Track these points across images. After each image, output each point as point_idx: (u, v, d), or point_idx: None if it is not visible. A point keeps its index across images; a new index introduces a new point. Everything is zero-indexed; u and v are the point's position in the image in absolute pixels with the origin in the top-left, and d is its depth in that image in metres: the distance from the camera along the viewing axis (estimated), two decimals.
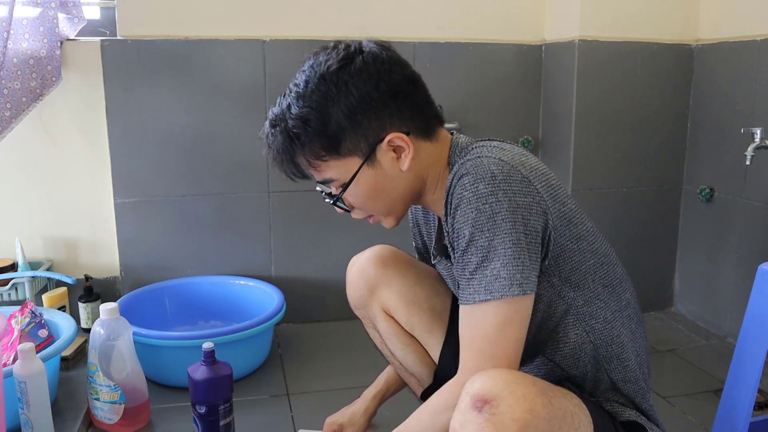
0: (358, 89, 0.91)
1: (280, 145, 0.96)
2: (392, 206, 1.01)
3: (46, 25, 1.79)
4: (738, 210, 1.96)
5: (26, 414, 1.30)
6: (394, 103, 0.93)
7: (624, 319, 1.01)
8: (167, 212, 2.00)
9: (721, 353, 1.93)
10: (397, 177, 0.97)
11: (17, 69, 1.77)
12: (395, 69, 0.94)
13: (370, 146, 0.94)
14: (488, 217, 0.86)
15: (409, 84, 0.96)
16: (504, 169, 0.88)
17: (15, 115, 1.78)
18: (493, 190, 0.86)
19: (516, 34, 2.14)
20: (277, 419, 1.55)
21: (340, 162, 0.95)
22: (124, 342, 1.44)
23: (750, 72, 1.88)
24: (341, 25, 2.00)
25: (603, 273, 0.98)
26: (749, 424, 1.14)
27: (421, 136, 0.97)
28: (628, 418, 0.99)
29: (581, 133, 2.05)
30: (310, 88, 0.92)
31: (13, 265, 1.88)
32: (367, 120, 0.92)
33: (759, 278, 1.13)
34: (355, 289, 1.27)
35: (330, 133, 0.92)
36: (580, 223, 0.96)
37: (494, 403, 0.78)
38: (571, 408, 0.86)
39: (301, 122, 0.93)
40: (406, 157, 0.95)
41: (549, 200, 0.91)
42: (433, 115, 1.00)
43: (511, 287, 0.86)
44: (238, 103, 1.98)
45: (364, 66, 0.92)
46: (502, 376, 0.81)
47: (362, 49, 0.94)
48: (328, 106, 0.91)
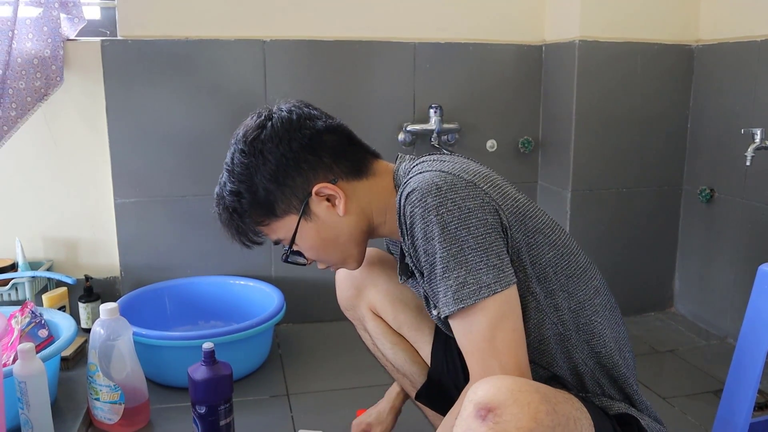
0: (273, 154, 0.97)
1: (226, 220, 1.03)
2: (345, 251, 1.05)
3: (50, 25, 1.79)
4: (738, 210, 1.96)
5: (26, 414, 1.30)
6: (312, 156, 0.98)
7: (595, 307, 1.00)
8: (167, 212, 2.00)
9: (721, 354, 1.93)
10: (339, 223, 1.01)
11: (22, 69, 1.77)
12: (305, 125, 0.99)
13: (302, 202, 0.99)
14: (442, 228, 0.87)
15: (323, 134, 1.00)
16: (447, 179, 0.90)
17: (21, 115, 1.79)
18: (441, 201, 0.88)
19: (516, 34, 2.14)
20: (277, 419, 1.55)
21: (281, 222, 1.01)
22: (124, 342, 1.44)
23: (750, 72, 1.88)
24: (341, 26, 2.00)
25: (564, 264, 0.98)
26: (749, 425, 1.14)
27: (352, 177, 1.01)
28: (618, 411, 0.99)
29: (581, 134, 2.05)
30: (235, 163, 0.99)
31: (13, 265, 1.88)
32: (290, 179, 0.98)
33: (759, 279, 1.13)
34: (343, 290, 1.29)
35: (261, 200, 0.99)
36: (534, 217, 0.96)
37: (498, 412, 0.78)
38: (574, 413, 0.86)
39: (235, 197, 1.00)
40: (339, 203, 0.99)
41: (498, 198, 0.92)
42: (361, 154, 1.03)
43: (481, 290, 0.87)
44: (239, 103, 1.98)
45: (274, 131, 0.98)
46: (505, 383, 0.81)
47: (272, 116, 1.00)
48: (253, 176, 0.98)
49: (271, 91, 1.99)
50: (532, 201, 0.99)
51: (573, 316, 0.98)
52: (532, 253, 0.95)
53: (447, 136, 2.12)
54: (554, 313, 0.97)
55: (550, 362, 1.00)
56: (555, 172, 2.16)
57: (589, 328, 1.00)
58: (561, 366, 1.00)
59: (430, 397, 1.23)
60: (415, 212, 0.90)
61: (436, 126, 2.04)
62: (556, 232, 0.99)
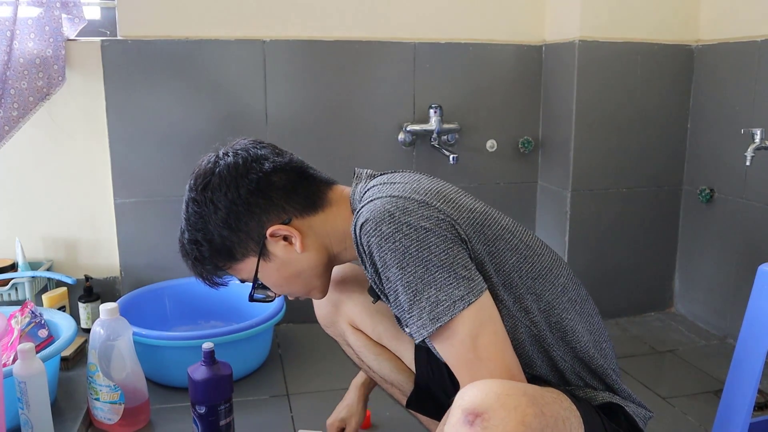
0: (222, 202, 0.97)
1: (190, 266, 1.05)
2: (309, 284, 1.06)
3: (51, 25, 1.80)
4: (738, 210, 1.96)
5: (26, 414, 1.30)
6: (262, 200, 0.98)
7: (564, 304, 1.00)
8: (167, 212, 2.00)
9: (721, 354, 1.93)
10: (299, 259, 1.01)
11: (24, 69, 1.78)
12: (252, 168, 0.98)
13: (258, 244, 0.99)
14: (402, 254, 0.87)
15: (271, 175, 0.99)
16: (398, 203, 0.89)
17: (22, 115, 1.79)
18: (396, 227, 0.87)
19: (516, 34, 2.14)
20: (277, 419, 1.55)
21: (242, 265, 1.02)
22: (124, 342, 1.44)
23: (750, 72, 1.88)
24: (341, 26, 2.00)
25: (528, 267, 0.97)
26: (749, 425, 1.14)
27: (306, 213, 1.01)
28: (603, 400, 0.99)
29: (581, 134, 2.05)
30: (190, 212, 1.00)
31: (13, 265, 1.88)
32: (243, 224, 0.98)
33: (759, 279, 1.13)
34: (320, 308, 1.31)
35: (219, 246, 0.99)
36: (493, 223, 0.95)
37: (486, 416, 0.78)
38: (562, 413, 0.86)
39: (194, 245, 1.01)
40: (296, 241, 0.99)
41: (453, 213, 0.91)
42: (314, 187, 1.03)
43: (455, 305, 0.87)
44: (238, 104, 1.98)
45: (221, 179, 0.98)
46: (492, 387, 0.81)
47: (218, 162, 0.99)
48: (207, 224, 0.98)
49: (271, 91, 2.00)
50: (489, 208, 0.99)
51: (544, 316, 0.98)
52: (494, 261, 0.94)
53: (447, 136, 2.12)
54: (525, 316, 0.97)
55: (528, 363, 1.00)
56: (555, 172, 2.16)
57: (561, 325, 0.99)
58: (540, 366, 1.00)
59: (420, 403, 1.24)
60: (371, 242, 0.89)
61: (436, 126, 2.04)
62: (517, 235, 0.98)
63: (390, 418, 1.49)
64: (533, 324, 0.97)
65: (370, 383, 1.40)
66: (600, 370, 1.02)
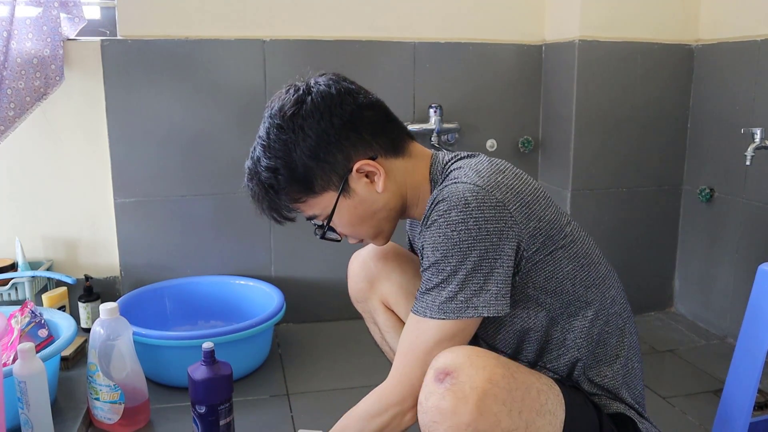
0: (313, 130, 0.95)
1: (259, 195, 1.02)
2: (379, 227, 1.05)
3: (49, 25, 1.79)
4: (738, 210, 1.96)
5: (26, 414, 1.30)
6: (353, 133, 0.97)
7: (609, 317, 1.01)
8: (167, 212, 2.00)
9: (721, 353, 1.93)
10: (376, 200, 1.01)
11: (21, 69, 1.77)
12: (346, 100, 0.97)
13: (341, 178, 0.98)
14: (454, 244, 0.88)
15: (364, 110, 0.98)
16: (478, 195, 0.90)
17: (19, 115, 1.79)
18: (464, 218, 0.88)
19: (516, 34, 2.14)
20: (277, 419, 1.55)
21: (318, 199, 1.00)
22: (124, 342, 1.44)
23: (750, 72, 1.88)
24: (341, 26, 2.00)
25: (584, 275, 0.98)
26: (749, 425, 1.14)
27: (390, 155, 1.00)
28: (616, 410, 1.00)
29: (581, 133, 2.05)
30: (272, 138, 0.97)
31: (13, 265, 1.88)
32: (330, 155, 0.96)
33: (759, 278, 1.13)
34: (356, 282, 1.28)
35: (300, 176, 0.97)
36: (557, 233, 0.96)
37: (455, 374, 0.82)
38: (538, 385, 0.88)
39: (271, 173, 0.98)
40: (379, 180, 0.99)
41: (523, 221, 0.92)
42: (399, 132, 1.03)
43: (466, 310, 0.89)
44: (238, 103, 1.98)
45: (314, 106, 0.96)
46: (464, 350, 0.86)
47: (311, 90, 0.98)
48: (291, 153, 0.96)
49: (271, 91, 1.99)
50: (558, 214, 0.98)
51: (588, 325, 0.99)
52: (548, 269, 0.95)
53: (447, 135, 2.12)
54: (567, 321, 0.98)
55: (556, 368, 1.01)
56: (555, 172, 2.16)
57: (602, 338, 1.00)
58: (562, 369, 1.01)
59: None
60: (436, 220, 0.90)
61: (436, 126, 2.04)
62: (578, 243, 0.99)
63: None
64: (572, 329, 0.99)
65: None
66: (626, 386, 1.02)
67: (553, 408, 0.88)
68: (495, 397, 0.81)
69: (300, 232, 2.10)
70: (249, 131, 1.99)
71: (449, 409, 0.81)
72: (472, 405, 0.80)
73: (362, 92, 1.01)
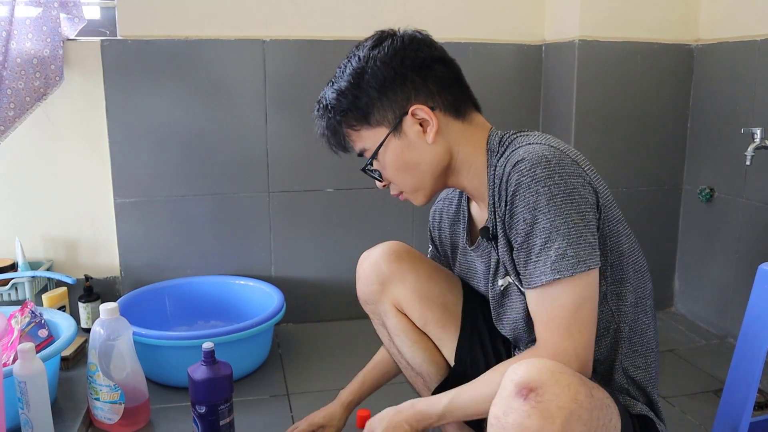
0: (385, 64, 0.99)
1: (320, 117, 1.07)
2: (421, 180, 1.05)
3: (49, 25, 1.79)
4: (738, 210, 1.96)
5: (26, 414, 1.30)
6: (419, 78, 1.00)
7: (646, 308, 1.03)
8: (167, 212, 2.00)
9: (721, 353, 1.93)
10: (424, 149, 1.02)
11: (21, 69, 1.77)
12: (422, 48, 1.02)
13: (397, 117, 1.01)
14: (548, 199, 0.90)
15: (436, 62, 1.03)
16: (555, 154, 0.92)
17: (19, 115, 1.79)
18: (549, 174, 0.90)
19: (516, 34, 2.14)
20: (277, 419, 1.55)
21: (371, 132, 1.02)
22: (124, 342, 1.44)
23: (750, 72, 1.88)
24: (341, 26, 2.00)
25: (635, 258, 1.01)
26: (749, 424, 1.14)
27: (450, 113, 1.03)
28: (640, 412, 1.00)
29: (581, 134, 2.05)
30: (349, 67, 1.02)
31: (13, 265, 1.88)
32: (393, 92, 1.00)
33: (759, 278, 1.13)
34: (367, 284, 1.25)
35: (361, 104, 1.01)
36: (615, 207, 1.00)
37: (540, 391, 0.79)
38: (606, 400, 0.88)
39: (338, 95, 1.02)
40: (431, 130, 1.00)
41: (595, 181, 0.95)
42: (465, 96, 1.06)
43: (579, 264, 0.89)
44: (238, 103, 1.98)
45: (392, 45, 1.01)
46: (545, 365, 0.83)
47: (395, 33, 1.03)
48: (360, 81, 1.00)
49: (271, 91, 2.00)
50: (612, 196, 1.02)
51: (631, 309, 1.01)
52: (612, 240, 0.98)
53: None
54: (616, 301, 1.00)
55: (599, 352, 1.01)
56: None
57: (637, 326, 1.02)
58: (602, 352, 1.01)
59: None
60: (522, 181, 0.91)
61: None
62: (627, 228, 1.03)
63: None
64: (619, 312, 1.00)
65: (355, 396, 1.39)
66: (652, 383, 1.04)
67: (616, 422, 0.88)
68: (579, 417, 0.80)
69: (300, 231, 2.10)
70: (249, 131, 2.01)
71: (534, 429, 0.78)
72: (559, 426, 0.78)
73: (441, 49, 1.05)
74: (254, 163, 2.02)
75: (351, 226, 2.11)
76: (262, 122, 2.01)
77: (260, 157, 2.02)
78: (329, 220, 2.09)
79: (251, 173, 2.03)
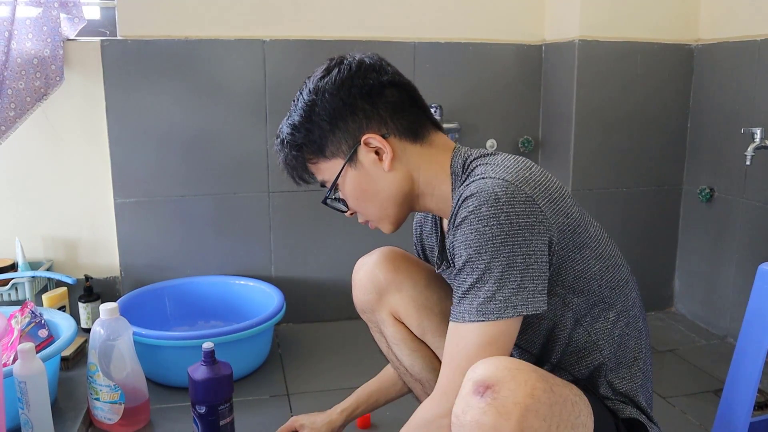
0: (333, 95, 0.98)
1: (279, 151, 1.05)
2: (383, 208, 1.04)
3: (50, 25, 1.79)
4: (738, 210, 1.96)
5: (26, 414, 1.30)
6: (369, 106, 0.99)
7: (629, 318, 1.01)
8: (167, 212, 2.00)
9: (721, 353, 1.93)
10: (382, 177, 1.01)
11: (21, 69, 1.78)
12: (370, 74, 1.00)
13: (351, 148, 0.99)
14: (487, 240, 0.87)
15: (386, 87, 1.00)
16: (508, 190, 0.88)
17: (19, 115, 1.79)
18: (495, 213, 0.87)
19: (516, 34, 2.14)
20: (277, 419, 1.55)
21: (328, 163, 1.02)
22: (124, 342, 1.44)
23: (750, 72, 1.88)
24: (341, 26, 2.00)
25: (609, 276, 0.98)
26: (749, 424, 1.14)
27: (406, 137, 1.01)
28: (629, 415, 1.00)
29: (581, 133, 2.05)
30: (300, 100, 1.01)
31: (13, 265, 1.88)
32: (344, 123, 0.99)
33: (759, 278, 1.13)
34: (364, 293, 1.24)
35: (314, 138, 1.00)
36: (584, 231, 0.96)
37: (496, 388, 0.80)
38: (572, 397, 0.87)
39: (292, 130, 1.02)
40: (386, 158, 0.99)
41: (552, 216, 0.91)
42: (422, 118, 1.03)
43: (506, 309, 0.87)
44: (238, 103, 1.98)
45: (339, 74, 0.99)
46: (503, 362, 0.83)
47: (342, 61, 1.01)
48: (311, 114, 0.99)
49: (271, 91, 2.00)
50: (582, 213, 0.98)
51: (612, 326, 0.99)
52: (577, 268, 0.95)
53: (447, 135, 2.11)
54: (592, 323, 0.98)
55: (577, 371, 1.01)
56: (555, 172, 2.16)
57: (621, 339, 1.01)
58: (582, 372, 1.01)
59: None
60: (467, 217, 0.89)
61: None
62: (602, 243, 0.99)
63: (390, 418, 1.49)
64: (599, 332, 0.99)
65: (349, 414, 1.37)
66: (641, 391, 1.03)
67: (585, 419, 0.87)
68: (536, 412, 0.80)
69: (300, 231, 2.10)
70: (249, 131, 2.01)
71: (490, 425, 0.79)
72: (515, 422, 0.78)
73: (392, 73, 1.03)
74: (254, 163, 2.02)
75: (351, 226, 2.11)
76: (262, 122, 2.01)
77: (260, 157, 2.02)
78: (329, 220, 2.09)
79: (251, 173, 2.03)
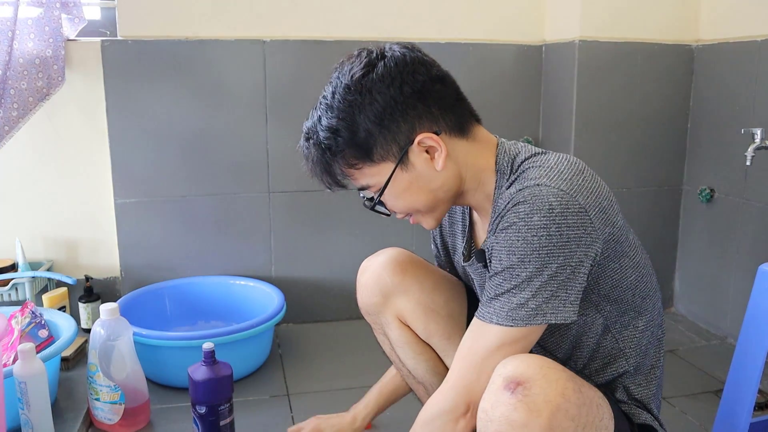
0: (382, 95, 0.91)
1: (315, 157, 0.96)
2: (433, 206, 0.99)
3: (51, 25, 1.80)
4: (738, 210, 1.96)
5: (26, 414, 1.30)
6: (421, 104, 0.93)
7: (654, 328, 1.02)
8: (167, 212, 2.00)
9: (722, 353, 1.93)
10: (434, 177, 0.96)
11: (24, 69, 1.78)
12: (419, 70, 0.93)
13: (402, 149, 0.93)
14: (534, 249, 0.85)
15: (435, 83, 0.94)
16: (563, 200, 0.86)
17: (22, 115, 1.79)
18: (546, 224, 0.85)
19: (516, 34, 2.14)
20: (277, 419, 1.55)
21: (375, 168, 0.95)
22: (124, 342, 1.44)
23: (750, 72, 1.88)
24: (341, 26, 2.00)
25: (643, 285, 0.98)
26: (749, 425, 1.14)
27: (455, 134, 0.96)
28: (644, 421, 1.00)
29: (581, 134, 2.05)
30: (337, 98, 0.92)
31: (14, 266, 1.88)
32: (395, 124, 0.92)
33: (759, 278, 1.13)
34: (369, 296, 1.22)
35: (360, 141, 0.92)
36: (625, 240, 0.95)
37: (527, 385, 0.79)
38: (597, 399, 0.87)
39: (331, 133, 0.93)
40: (439, 157, 0.94)
41: (600, 227, 0.89)
42: (467, 113, 0.99)
43: (536, 317, 0.86)
44: (239, 104, 1.98)
45: (386, 71, 0.92)
46: (534, 360, 0.83)
47: (384, 54, 0.94)
48: (355, 115, 0.91)
49: (271, 91, 1.99)
50: (624, 220, 0.97)
51: (641, 334, 0.99)
52: (615, 277, 0.94)
53: None
54: (621, 331, 0.98)
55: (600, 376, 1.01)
56: None
57: (646, 349, 1.01)
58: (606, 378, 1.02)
59: None
60: (516, 223, 0.86)
61: None
62: (638, 252, 0.99)
63: (390, 418, 1.49)
64: (627, 339, 0.99)
65: (370, 416, 1.38)
66: (655, 399, 1.03)
67: (607, 422, 0.88)
68: (566, 412, 0.80)
69: (300, 231, 2.10)
70: (249, 131, 2.01)
71: (520, 422, 0.78)
72: (545, 419, 0.78)
73: (435, 65, 0.96)
74: (254, 163, 2.02)
75: (351, 226, 2.11)
76: (262, 122, 2.01)
77: (260, 157, 2.02)
78: (329, 220, 2.09)
79: (251, 173, 2.03)
